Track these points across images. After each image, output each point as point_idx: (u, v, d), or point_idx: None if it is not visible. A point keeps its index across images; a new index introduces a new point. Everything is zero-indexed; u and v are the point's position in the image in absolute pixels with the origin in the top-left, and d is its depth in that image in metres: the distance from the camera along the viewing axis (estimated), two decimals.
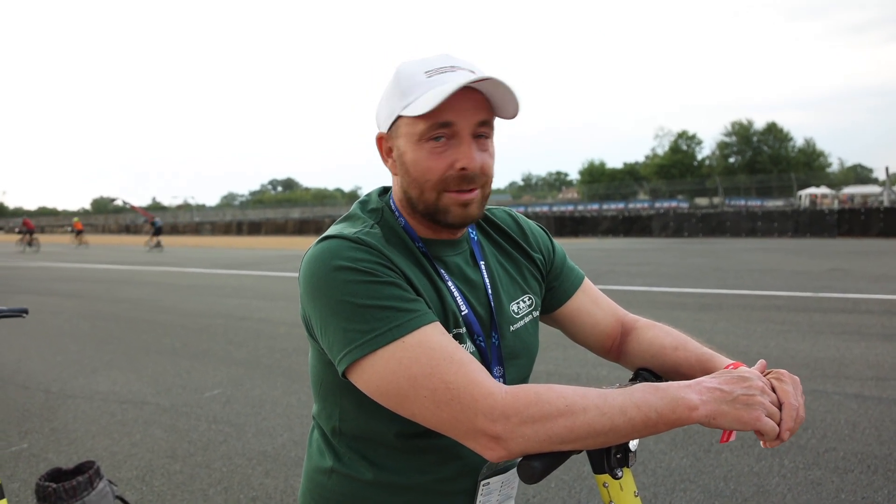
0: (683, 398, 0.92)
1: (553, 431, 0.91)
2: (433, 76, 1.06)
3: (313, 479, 1.21)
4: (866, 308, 8.43)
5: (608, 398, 0.93)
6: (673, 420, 0.91)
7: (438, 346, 0.98)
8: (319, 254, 1.05)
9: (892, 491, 3.26)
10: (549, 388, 0.94)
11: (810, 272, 12.95)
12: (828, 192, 44.47)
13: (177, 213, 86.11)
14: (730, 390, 0.93)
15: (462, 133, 1.07)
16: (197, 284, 14.17)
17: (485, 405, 0.93)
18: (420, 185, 1.09)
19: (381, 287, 1.00)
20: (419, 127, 1.06)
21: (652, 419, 0.92)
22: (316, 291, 1.03)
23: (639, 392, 0.94)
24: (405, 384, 0.96)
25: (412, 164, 1.09)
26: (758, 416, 0.92)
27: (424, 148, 1.07)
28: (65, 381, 5.82)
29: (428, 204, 1.10)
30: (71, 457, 4.00)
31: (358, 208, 1.19)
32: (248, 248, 30.60)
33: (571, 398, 0.92)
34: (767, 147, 71.06)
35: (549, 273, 1.34)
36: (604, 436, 0.92)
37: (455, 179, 1.08)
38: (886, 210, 27.70)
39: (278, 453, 4.02)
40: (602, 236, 33.44)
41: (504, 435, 0.92)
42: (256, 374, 5.93)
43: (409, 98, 1.06)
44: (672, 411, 0.91)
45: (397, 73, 1.10)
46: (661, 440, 3.99)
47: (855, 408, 4.47)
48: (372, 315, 0.98)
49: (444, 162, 1.07)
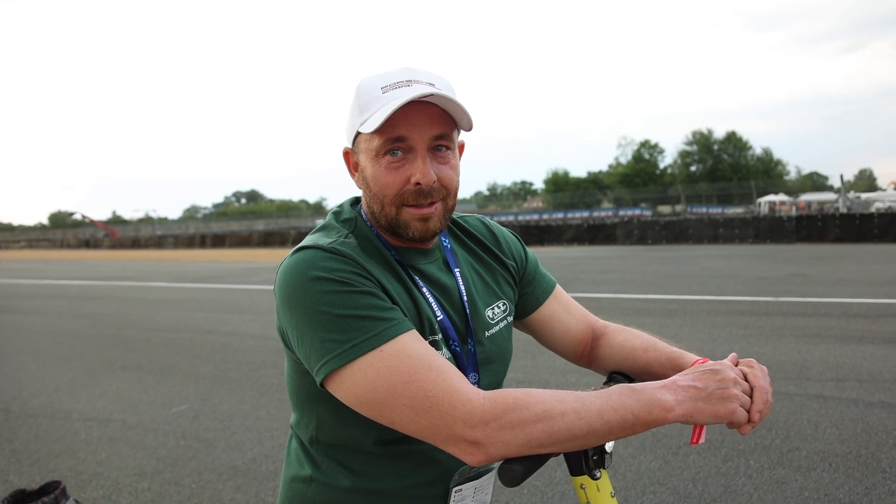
0: (659, 399, 0.94)
1: (532, 436, 0.93)
2: (388, 91, 1.07)
3: (292, 489, 1.22)
4: (825, 311, 8.65)
5: (585, 402, 0.95)
6: (650, 421, 0.94)
7: (416, 353, 0.99)
8: (295, 264, 1.05)
9: (852, 487, 3.36)
10: (527, 394, 0.96)
11: (771, 277, 13.25)
12: (786, 200, 45.52)
13: (138, 227, 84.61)
14: (703, 386, 0.96)
15: (417, 147, 1.08)
16: (162, 299, 13.91)
17: (463, 412, 0.94)
18: (380, 200, 1.11)
19: (358, 297, 1.01)
20: (375, 143, 1.08)
21: (629, 421, 0.94)
22: (292, 302, 1.03)
23: (615, 395, 0.96)
24: (384, 393, 0.97)
25: (371, 180, 1.11)
26: (733, 409, 0.95)
27: (381, 163, 1.09)
28: (25, 400, 5.68)
29: (389, 218, 1.12)
30: (34, 477, 3.90)
31: (332, 218, 1.20)
32: (213, 261, 30.16)
33: (549, 403, 0.94)
34: (727, 155, 72.70)
35: (521, 279, 1.36)
36: (582, 439, 0.94)
37: (412, 194, 1.09)
38: (842, 216, 28.48)
39: (248, 467, 3.98)
40: (567, 244, 33.73)
41: (483, 440, 0.94)
42: (224, 388, 5.85)
43: (365, 114, 1.08)
44: (648, 413, 0.94)
45: (357, 88, 1.12)
46: (630, 444, 4.05)
47: (816, 408, 4.59)
48: (349, 325, 0.99)
49: (401, 177, 1.08)
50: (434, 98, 1.05)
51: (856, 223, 27.05)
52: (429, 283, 1.18)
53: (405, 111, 1.04)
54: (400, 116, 1.04)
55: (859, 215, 27.94)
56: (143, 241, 60.30)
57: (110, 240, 65.73)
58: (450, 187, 1.12)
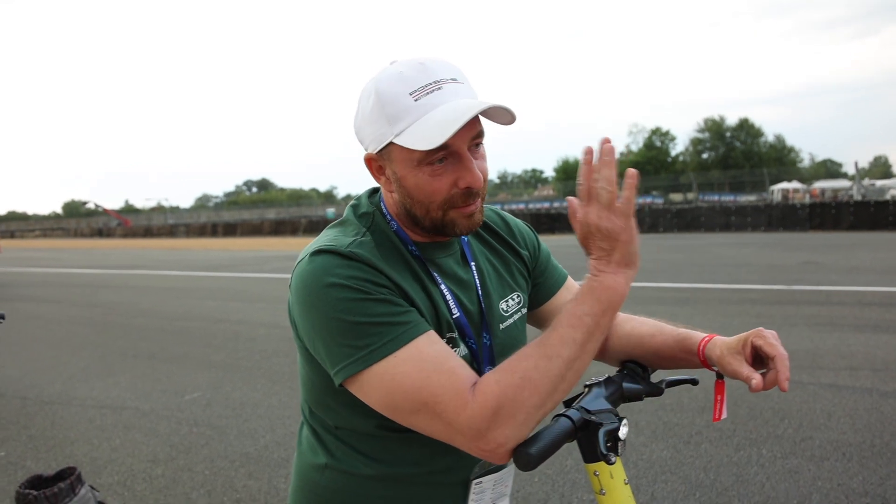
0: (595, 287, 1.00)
1: (527, 410, 0.94)
2: (420, 98, 1.02)
3: (305, 476, 1.22)
4: (838, 300, 8.59)
5: (545, 340, 0.97)
6: (605, 308, 0.98)
7: (429, 357, 0.99)
8: (311, 270, 1.04)
9: (866, 477, 3.34)
10: (501, 369, 0.97)
11: (783, 265, 13.16)
12: (799, 187, 45.08)
13: (150, 216, 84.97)
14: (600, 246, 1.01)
15: (460, 151, 1.05)
16: (173, 287, 14.01)
17: (465, 417, 0.95)
18: (425, 206, 1.09)
19: (374, 304, 1.01)
20: (416, 154, 1.04)
21: (591, 324, 0.97)
22: (309, 306, 1.03)
23: (563, 315, 0.99)
24: (400, 398, 0.99)
25: (414, 189, 1.08)
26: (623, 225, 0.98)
27: (425, 172, 1.06)
28: (41, 388, 5.74)
29: (434, 221, 1.10)
30: (50, 464, 3.95)
31: (350, 213, 1.19)
32: (224, 249, 30.30)
33: (521, 366, 0.96)
34: (740, 143, 71.98)
35: (534, 270, 1.36)
36: (568, 372, 0.96)
37: (460, 197, 1.08)
38: (856, 204, 28.22)
39: (261, 455, 4.01)
40: None
41: (490, 446, 0.95)
42: (236, 376, 5.89)
43: (399, 125, 1.03)
44: (598, 300, 0.98)
45: (379, 95, 1.04)
46: (641, 433, 4.04)
47: (829, 397, 4.56)
48: (365, 331, 0.99)
49: (447, 182, 1.06)
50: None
51: (870, 211, 26.79)
52: (446, 277, 1.17)
53: None
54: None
55: (874, 202, 27.67)
56: (155, 230, 60.65)
57: (123, 229, 66.13)
58: (487, 180, 1.12)
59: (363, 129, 1.10)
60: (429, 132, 1.00)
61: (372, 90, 1.06)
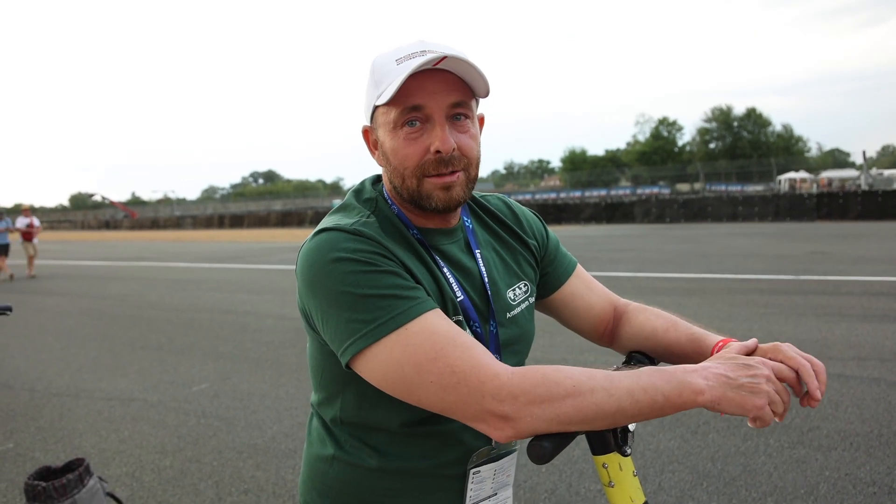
0: (690, 382, 0.92)
1: (561, 411, 0.92)
2: (403, 62, 1.05)
3: (314, 467, 1.22)
4: (846, 290, 8.55)
5: (615, 380, 0.94)
6: (679, 404, 0.93)
7: (442, 330, 0.98)
8: (317, 246, 1.04)
9: (874, 467, 3.33)
10: (557, 370, 0.95)
11: (791, 256, 13.11)
12: (807, 177, 44.86)
13: (157, 208, 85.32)
14: (735, 377, 0.93)
15: (435, 116, 1.06)
16: (181, 279, 14.06)
17: (492, 386, 0.93)
18: (401, 173, 1.10)
19: (382, 276, 1.00)
20: (392, 114, 1.07)
21: (658, 402, 0.93)
22: (315, 284, 1.02)
23: (645, 375, 0.94)
24: (410, 371, 0.97)
25: (392, 153, 1.09)
26: (761, 405, 0.92)
27: (400, 135, 1.08)
28: (49, 380, 5.77)
29: (411, 191, 1.10)
30: (58, 455, 3.98)
31: (352, 198, 1.18)
32: (231, 241, 30.38)
33: (578, 379, 0.93)
34: (747, 132, 71.53)
35: (543, 259, 1.34)
36: (611, 417, 0.93)
37: (432, 163, 1.07)
38: (864, 193, 28.05)
39: (268, 446, 4.02)
40: (585, 223, 33.58)
41: (513, 415, 0.93)
42: (244, 367, 5.91)
43: (381, 87, 1.07)
44: (678, 395, 0.92)
45: (372, 64, 1.10)
46: (649, 423, 4.04)
47: (837, 387, 4.55)
48: (374, 304, 0.98)
49: (420, 147, 1.07)
50: (448, 63, 1.03)
51: (878, 200, 26.63)
52: (450, 263, 1.16)
53: (420, 80, 1.03)
54: (415, 85, 1.03)
55: (882, 192, 27.48)
56: (161, 222, 60.79)
57: (130, 221, 66.26)
58: (470, 156, 1.10)
59: (364, 102, 1.15)
60: (394, 85, 1.03)
61: (370, 64, 1.11)
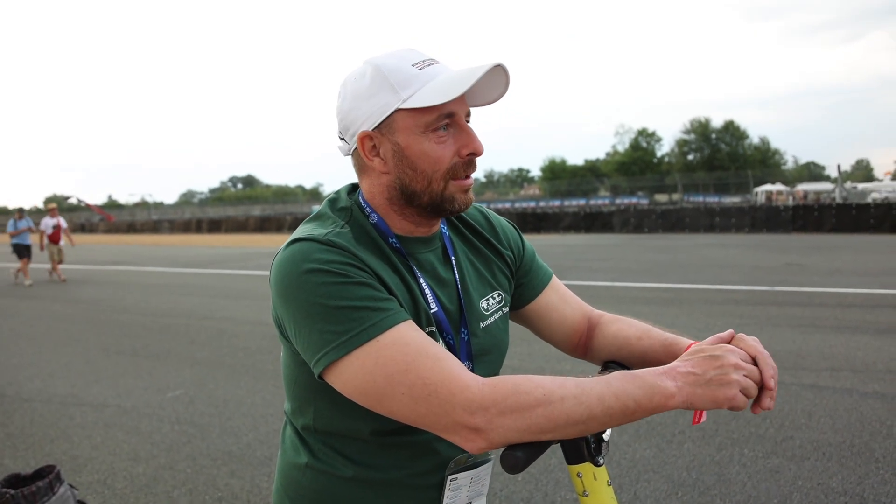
0: (660, 386, 0.93)
1: (532, 421, 0.93)
2: (424, 69, 1.07)
3: (288, 476, 1.21)
4: (820, 301, 8.67)
5: (585, 387, 0.94)
6: (650, 408, 0.93)
7: (413, 342, 0.98)
8: (290, 257, 1.03)
9: (845, 477, 3.37)
10: (527, 379, 0.95)
11: (767, 267, 13.27)
12: (783, 189, 45.49)
13: (134, 211, 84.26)
14: (702, 372, 0.94)
15: (460, 121, 1.09)
16: (157, 283, 13.89)
17: (462, 398, 0.93)
18: (428, 177, 1.09)
19: (354, 287, 1.00)
20: (425, 118, 1.06)
21: (630, 408, 0.93)
22: (288, 295, 1.02)
23: (616, 381, 0.95)
24: (382, 382, 0.96)
25: (420, 157, 1.08)
26: (732, 395, 0.93)
27: (431, 139, 1.07)
28: (20, 385, 5.67)
29: (434, 194, 1.10)
30: (29, 462, 3.90)
31: (327, 207, 1.17)
32: (209, 246, 30.08)
33: (549, 388, 0.94)
34: (725, 144, 72.53)
35: (518, 270, 1.35)
36: (582, 424, 0.94)
37: (462, 165, 1.10)
38: (839, 206, 28.47)
39: (244, 453, 3.98)
40: (564, 232, 33.72)
41: (484, 426, 0.93)
42: (220, 373, 5.85)
43: (406, 91, 1.05)
44: (649, 399, 0.93)
45: (379, 69, 1.07)
46: (624, 432, 4.06)
47: (811, 398, 4.61)
48: (346, 316, 0.98)
49: (450, 150, 1.09)
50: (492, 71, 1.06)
51: (852, 213, 27.05)
52: (425, 273, 1.16)
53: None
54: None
55: (856, 205, 27.93)
56: (138, 226, 60.01)
57: (106, 224, 65.34)
58: None
59: (356, 109, 1.09)
60: (442, 89, 1.03)
61: (366, 69, 1.09)
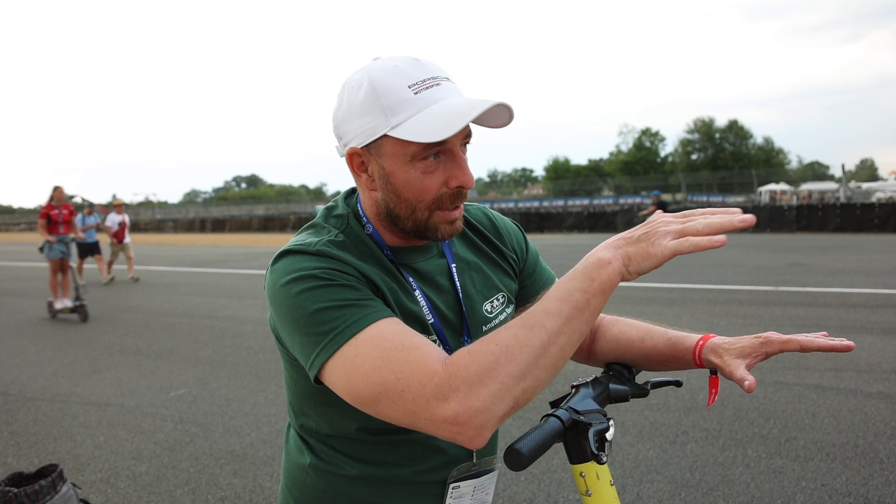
0: (595, 259, 0.90)
1: (503, 377, 0.86)
2: (420, 92, 1.00)
3: (293, 476, 1.21)
4: (824, 301, 8.65)
5: (529, 312, 0.91)
6: (598, 288, 0.89)
7: (389, 335, 0.94)
8: (281, 268, 1.03)
9: (850, 477, 3.36)
10: (480, 341, 0.91)
11: (770, 266, 13.24)
12: (787, 189, 45.38)
13: (138, 211, 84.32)
14: (630, 235, 0.92)
15: (454, 150, 1.04)
16: (160, 283, 13.92)
17: (432, 387, 0.88)
18: (412, 205, 1.06)
19: (337, 289, 0.98)
20: (412, 148, 1.01)
21: (580, 300, 0.89)
22: (278, 304, 1.02)
23: (553, 288, 0.92)
24: (360, 383, 0.93)
25: (404, 185, 1.04)
26: (664, 245, 0.87)
27: (417, 168, 1.03)
28: (24, 384, 5.68)
29: (418, 222, 1.07)
30: (32, 460, 3.91)
31: (322, 215, 1.16)
32: (213, 245, 30.12)
33: (497, 335, 0.90)
34: (729, 144, 72.34)
35: (521, 272, 1.34)
36: (550, 346, 0.88)
37: (449, 197, 1.05)
38: (843, 206, 28.40)
39: (246, 452, 3.98)
40: (567, 232, 33.70)
41: (462, 413, 0.86)
42: (223, 372, 5.86)
43: (397, 117, 1.00)
44: (592, 280, 0.89)
45: (374, 86, 1.01)
46: (627, 433, 4.05)
47: (814, 398, 4.59)
48: (329, 316, 0.96)
49: (438, 180, 1.04)
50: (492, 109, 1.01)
51: (856, 213, 26.99)
52: (423, 282, 1.15)
53: None
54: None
55: (860, 205, 27.86)
56: (142, 225, 60.12)
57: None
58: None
59: (348, 122, 1.06)
60: (433, 124, 0.97)
61: (363, 81, 1.02)
